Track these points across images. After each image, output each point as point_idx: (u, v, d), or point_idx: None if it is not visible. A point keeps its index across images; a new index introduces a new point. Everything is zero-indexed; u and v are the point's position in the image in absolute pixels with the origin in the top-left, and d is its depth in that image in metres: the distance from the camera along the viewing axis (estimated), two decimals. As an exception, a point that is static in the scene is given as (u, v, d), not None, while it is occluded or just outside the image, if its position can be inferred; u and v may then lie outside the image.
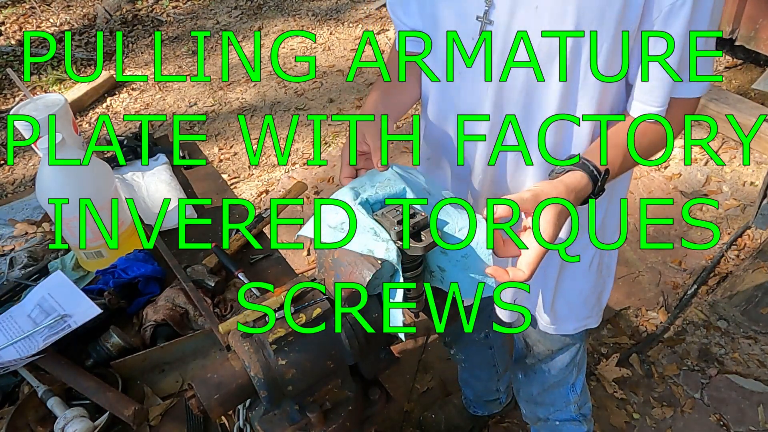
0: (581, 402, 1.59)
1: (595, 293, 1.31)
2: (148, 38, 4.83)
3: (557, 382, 1.52)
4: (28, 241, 1.51)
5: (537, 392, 1.58)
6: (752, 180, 2.85)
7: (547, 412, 1.61)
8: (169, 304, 1.27)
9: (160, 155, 1.75)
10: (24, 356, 1.13)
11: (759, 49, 3.20)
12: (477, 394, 1.93)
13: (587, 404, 1.64)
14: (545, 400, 1.58)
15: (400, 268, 0.83)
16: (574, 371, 1.52)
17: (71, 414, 1.06)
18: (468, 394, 1.96)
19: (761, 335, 2.20)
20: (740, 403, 2.02)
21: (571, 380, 1.53)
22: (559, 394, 1.55)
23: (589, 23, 0.87)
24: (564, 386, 1.54)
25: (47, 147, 1.22)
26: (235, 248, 1.43)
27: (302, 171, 3.28)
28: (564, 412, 1.59)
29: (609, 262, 1.29)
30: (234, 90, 4.05)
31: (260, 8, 5.04)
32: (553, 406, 1.59)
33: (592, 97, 0.97)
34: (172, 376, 1.20)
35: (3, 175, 3.54)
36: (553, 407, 1.59)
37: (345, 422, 0.93)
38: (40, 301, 1.25)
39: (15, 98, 4.20)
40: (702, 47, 0.94)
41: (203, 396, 0.83)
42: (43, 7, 5.25)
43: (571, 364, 1.48)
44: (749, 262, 2.44)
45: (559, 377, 1.50)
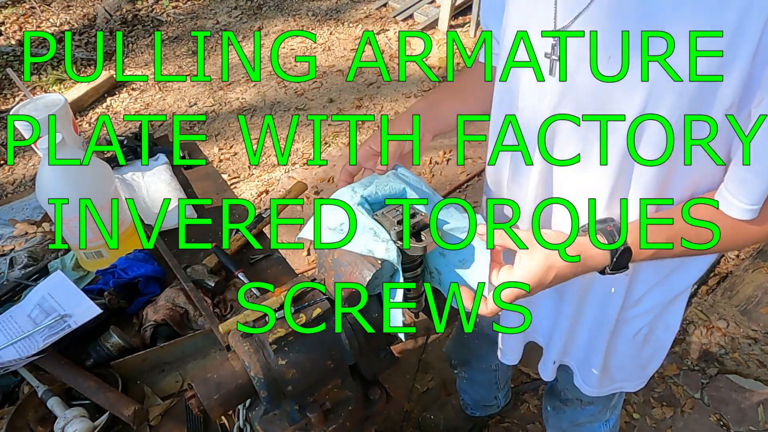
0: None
1: (638, 362, 1.20)
2: (148, 38, 4.83)
3: (589, 421, 1.46)
4: (28, 241, 1.51)
5: (567, 426, 1.52)
6: (752, 180, 2.85)
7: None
8: (169, 304, 1.27)
9: (160, 155, 1.75)
10: (24, 356, 1.13)
11: (759, 49, 3.19)
12: (475, 400, 1.93)
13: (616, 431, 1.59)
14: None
15: (400, 268, 0.83)
16: (608, 412, 1.44)
17: (71, 414, 1.06)
18: (466, 399, 1.96)
19: (761, 335, 2.21)
20: (740, 403, 2.02)
21: (604, 419, 1.46)
22: (591, 429, 1.50)
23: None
24: (596, 423, 1.47)
25: (47, 147, 1.21)
26: (235, 248, 1.43)
27: (302, 171, 3.28)
28: None
29: (661, 335, 1.16)
30: (234, 90, 4.05)
31: (260, 8, 5.04)
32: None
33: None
34: (172, 376, 1.20)
35: (3, 175, 3.54)
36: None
37: (345, 422, 0.93)
38: (40, 301, 1.25)
39: (15, 98, 4.20)
40: None
41: (203, 396, 0.83)
42: (43, 7, 5.25)
43: (604, 409, 1.41)
44: (749, 262, 2.44)
45: (592, 418, 1.44)
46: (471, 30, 4.30)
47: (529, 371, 2.20)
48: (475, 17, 4.23)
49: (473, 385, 1.85)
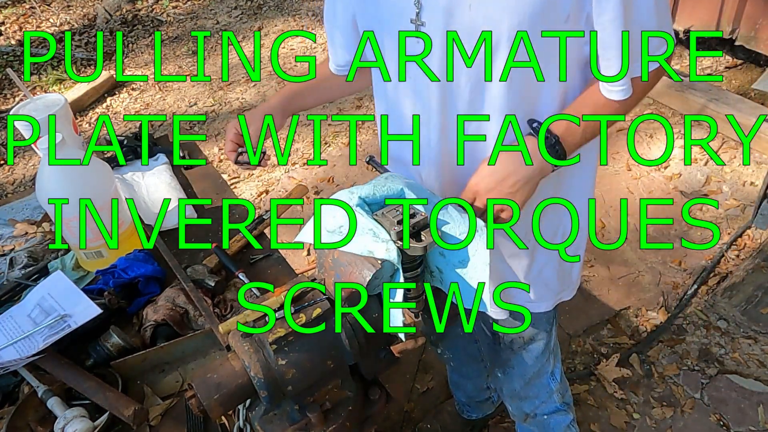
0: (563, 390, 1.61)
1: (563, 268, 1.32)
2: (148, 38, 4.83)
3: (536, 372, 1.53)
4: (28, 241, 1.51)
5: (520, 387, 1.59)
6: (752, 180, 2.85)
7: (533, 405, 1.62)
8: (169, 304, 1.27)
9: (160, 155, 1.75)
10: (24, 356, 1.13)
11: (759, 49, 3.20)
12: (468, 396, 1.94)
13: (568, 392, 1.66)
14: (529, 393, 1.59)
15: (400, 268, 0.83)
16: (551, 359, 1.53)
17: (71, 414, 1.06)
18: (460, 397, 1.96)
19: (761, 335, 2.20)
20: (740, 403, 2.02)
21: (549, 369, 1.54)
22: (541, 385, 1.57)
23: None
24: (544, 376, 1.55)
25: (47, 147, 1.22)
26: (235, 249, 1.43)
27: (302, 171, 3.28)
28: (549, 404, 1.61)
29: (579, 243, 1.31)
30: (234, 90, 4.05)
31: (260, 8, 5.04)
32: (537, 399, 1.60)
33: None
34: (172, 376, 1.20)
35: (3, 175, 3.54)
36: (537, 399, 1.60)
37: (345, 422, 0.93)
38: (40, 301, 1.25)
39: (15, 98, 4.20)
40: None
41: (203, 396, 0.83)
42: (43, 7, 5.25)
43: (546, 352, 1.50)
44: (749, 262, 2.44)
45: (537, 366, 1.51)
46: (471, 30, 4.29)
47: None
48: (475, 17, 4.23)
49: (460, 368, 1.85)
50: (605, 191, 2.91)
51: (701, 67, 3.65)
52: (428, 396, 2.16)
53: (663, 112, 3.35)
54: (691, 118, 3.21)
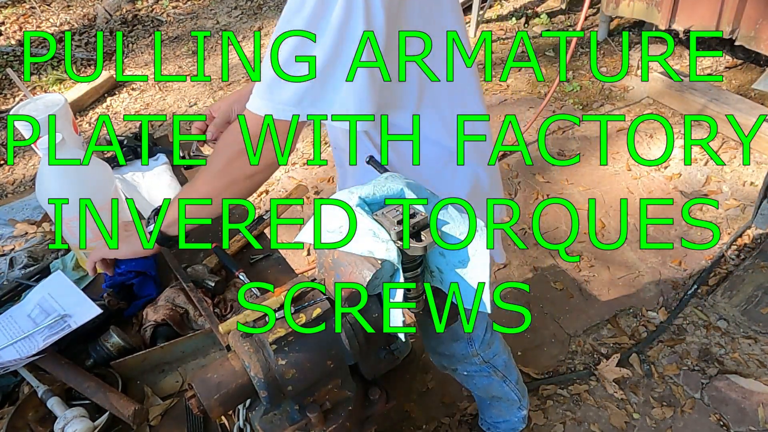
0: (487, 356, 1.61)
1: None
2: (148, 38, 4.83)
3: (449, 336, 1.54)
4: (28, 241, 1.51)
5: (435, 344, 1.61)
6: (752, 180, 2.85)
7: (450, 363, 1.64)
8: (169, 304, 1.27)
9: (160, 155, 1.75)
10: (24, 356, 1.13)
11: (759, 49, 3.20)
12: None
13: (497, 357, 1.65)
14: (444, 352, 1.61)
15: (400, 268, 0.83)
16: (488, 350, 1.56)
17: (71, 414, 1.06)
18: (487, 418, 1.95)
19: (761, 335, 2.21)
20: (740, 403, 2.02)
21: (465, 336, 1.55)
22: (457, 347, 1.57)
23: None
24: (460, 341, 1.55)
25: (47, 147, 1.21)
26: (235, 249, 1.43)
27: (302, 171, 3.28)
28: (468, 365, 1.62)
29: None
30: (234, 90, 4.05)
31: (260, 8, 5.04)
32: (454, 358, 1.61)
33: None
34: (172, 376, 1.20)
35: (3, 175, 3.54)
36: (454, 359, 1.62)
37: (345, 422, 0.93)
38: (40, 301, 1.25)
39: (15, 98, 4.20)
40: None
41: (203, 396, 0.83)
42: (43, 7, 5.25)
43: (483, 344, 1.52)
44: (749, 262, 2.44)
45: (449, 332, 1.52)
46: (471, 30, 4.29)
47: (530, 371, 2.20)
48: (475, 17, 4.23)
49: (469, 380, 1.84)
50: (605, 191, 2.91)
51: (701, 67, 3.65)
52: (428, 396, 2.16)
53: (663, 112, 3.35)
54: (691, 118, 3.22)
